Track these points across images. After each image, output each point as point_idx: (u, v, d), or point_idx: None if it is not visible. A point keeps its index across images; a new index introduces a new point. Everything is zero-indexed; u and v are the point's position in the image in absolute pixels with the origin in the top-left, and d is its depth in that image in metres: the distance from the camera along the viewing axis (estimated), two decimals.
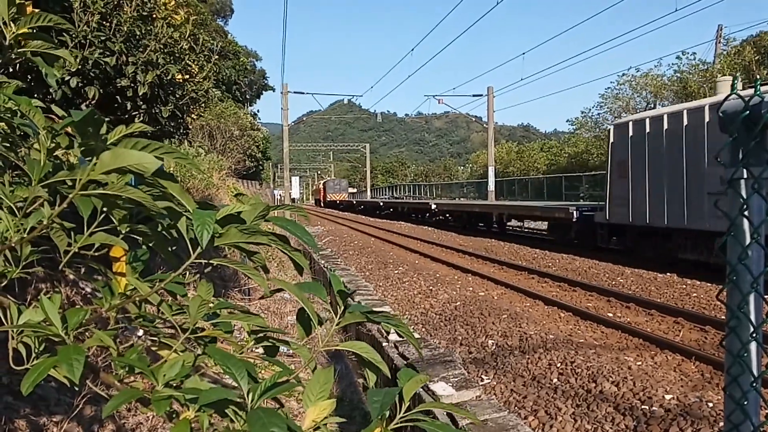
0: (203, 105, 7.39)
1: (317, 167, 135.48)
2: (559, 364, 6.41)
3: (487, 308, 9.30)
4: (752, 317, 1.43)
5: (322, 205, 78.68)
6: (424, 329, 8.75)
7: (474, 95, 38.11)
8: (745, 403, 1.42)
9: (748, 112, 1.42)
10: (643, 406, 5.16)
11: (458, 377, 5.42)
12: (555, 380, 6.05)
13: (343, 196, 72.70)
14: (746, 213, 1.44)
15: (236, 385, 1.07)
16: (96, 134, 1.09)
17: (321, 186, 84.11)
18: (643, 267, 13.14)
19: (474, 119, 48.38)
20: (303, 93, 40.39)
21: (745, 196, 1.44)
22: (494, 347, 7.45)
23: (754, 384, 1.42)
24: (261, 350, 1.47)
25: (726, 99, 1.52)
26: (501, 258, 15.69)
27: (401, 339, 6.84)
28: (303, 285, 1.26)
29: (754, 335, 1.42)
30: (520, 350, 7.15)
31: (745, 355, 1.42)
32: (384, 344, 6.45)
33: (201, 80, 6.14)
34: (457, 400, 4.96)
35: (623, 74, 42.56)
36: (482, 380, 6.37)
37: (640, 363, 6.35)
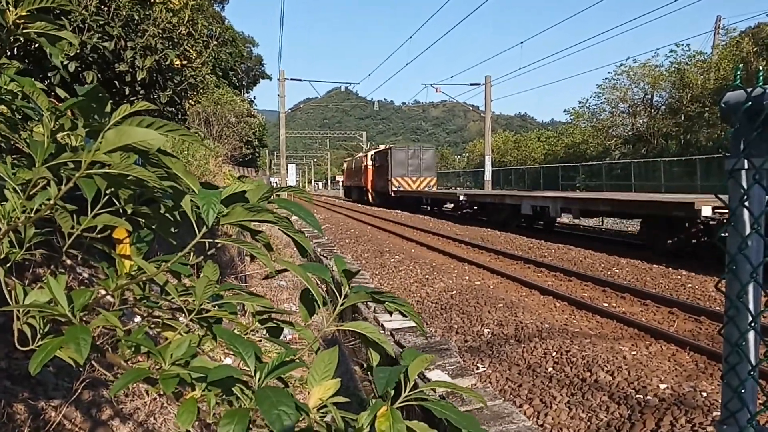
0: (201, 91, 7.36)
1: (313, 155, 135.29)
2: (554, 353, 6.44)
3: (483, 297, 9.33)
4: (751, 307, 1.45)
5: (370, 199, 43.45)
6: (420, 318, 8.77)
7: (472, 84, 38.07)
8: (743, 391, 1.43)
9: (750, 103, 1.43)
10: (637, 395, 5.20)
11: (454, 365, 5.45)
12: (550, 369, 6.09)
13: (429, 181, 37.77)
14: (746, 203, 1.45)
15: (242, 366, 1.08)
16: (100, 111, 1.09)
17: (369, 161, 43.76)
18: (639, 258, 13.18)
19: (471, 108, 48.38)
20: (300, 80, 40.29)
21: (745, 187, 1.45)
22: (490, 336, 7.49)
23: (752, 372, 1.44)
24: (260, 334, 1.48)
25: (728, 90, 1.52)
26: (497, 247, 15.71)
27: (398, 328, 6.87)
28: (307, 266, 1.27)
29: (752, 324, 1.44)
30: (515, 339, 7.18)
31: (744, 344, 1.44)
32: (380, 332, 6.48)
33: (199, 66, 6.12)
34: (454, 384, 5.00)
35: (621, 65, 42.60)
36: (478, 368, 6.41)
37: (635, 353, 6.39)
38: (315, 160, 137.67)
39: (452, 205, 28.85)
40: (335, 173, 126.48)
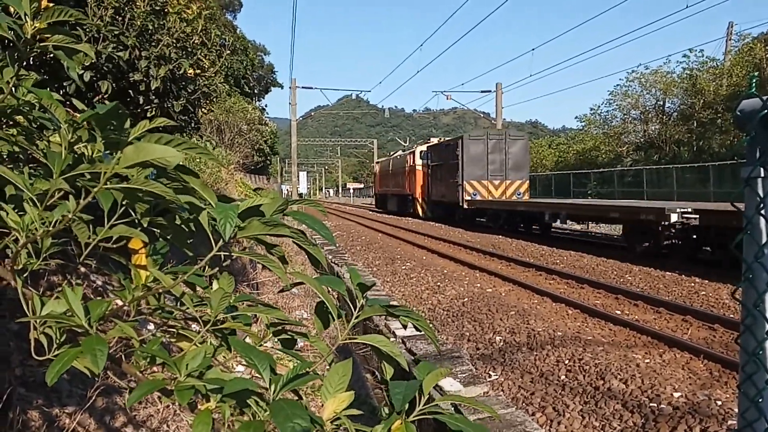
0: (214, 100, 7.42)
1: (324, 162, 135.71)
2: (567, 361, 6.41)
3: (494, 305, 9.30)
4: None
5: (420, 212, 33.82)
6: (431, 325, 8.74)
7: (482, 91, 38.12)
8: (760, 400, 1.42)
9: (766, 111, 1.42)
10: (651, 404, 5.16)
11: (466, 373, 5.44)
12: (563, 377, 6.05)
13: (519, 186, 26.85)
14: (763, 212, 1.44)
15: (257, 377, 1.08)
16: (120, 128, 1.10)
17: (418, 160, 34.32)
18: (651, 265, 13.09)
19: (482, 115, 48.39)
20: (311, 88, 40.53)
21: (761, 195, 1.44)
22: (502, 344, 7.46)
23: None
24: (270, 345, 1.49)
25: (744, 97, 1.52)
26: (508, 254, 15.67)
27: (409, 335, 6.86)
28: (322, 278, 1.27)
29: None
30: (527, 347, 7.15)
31: (761, 353, 1.42)
32: (392, 340, 6.47)
33: (212, 75, 6.17)
34: (465, 396, 4.98)
35: (632, 71, 42.50)
36: (490, 376, 6.38)
37: (648, 360, 6.35)
38: (326, 167, 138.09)
39: (620, 230, 18.35)
40: (346, 180, 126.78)
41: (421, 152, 34.13)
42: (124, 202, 1.18)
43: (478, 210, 26.20)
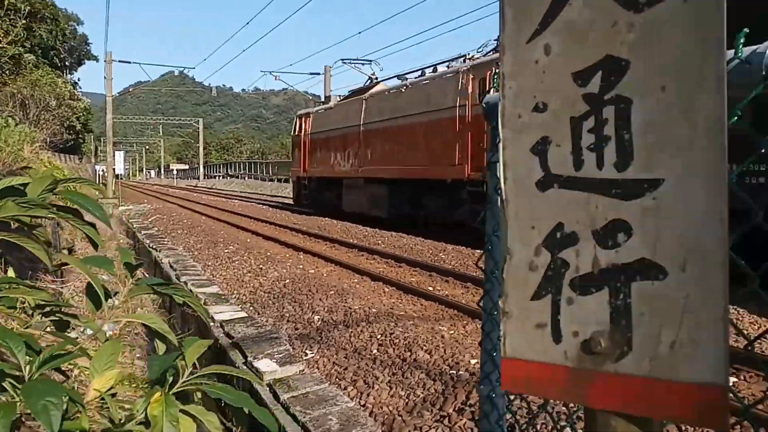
0: (12, 71, 6.85)
1: (146, 141, 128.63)
2: (379, 336, 6.75)
3: (315, 285, 9.51)
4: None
5: None
6: (252, 308, 8.78)
7: (311, 73, 38.20)
8: (495, 354, 1.68)
9: None
10: (451, 371, 5.61)
11: (283, 353, 5.55)
12: (375, 351, 6.38)
13: None
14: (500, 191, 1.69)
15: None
16: None
17: None
18: (463, 244, 14.03)
19: (311, 98, 48.53)
20: (129, 62, 38.07)
21: (499, 176, 1.68)
22: (320, 323, 7.68)
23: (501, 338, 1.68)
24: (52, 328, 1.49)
25: (488, 91, 1.76)
26: (334, 236, 16.00)
27: (228, 319, 6.84)
28: (89, 259, 1.30)
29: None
30: (344, 324, 7.43)
31: (495, 313, 1.68)
32: (210, 324, 6.42)
33: (6, 45, 5.69)
34: (281, 375, 5.10)
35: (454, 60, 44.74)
36: (306, 355, 6.56)
37: (452, 332, 6.87)
38: (147, 147, 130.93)
39: None
40: (170, 161, 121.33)
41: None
42: None
43: None
